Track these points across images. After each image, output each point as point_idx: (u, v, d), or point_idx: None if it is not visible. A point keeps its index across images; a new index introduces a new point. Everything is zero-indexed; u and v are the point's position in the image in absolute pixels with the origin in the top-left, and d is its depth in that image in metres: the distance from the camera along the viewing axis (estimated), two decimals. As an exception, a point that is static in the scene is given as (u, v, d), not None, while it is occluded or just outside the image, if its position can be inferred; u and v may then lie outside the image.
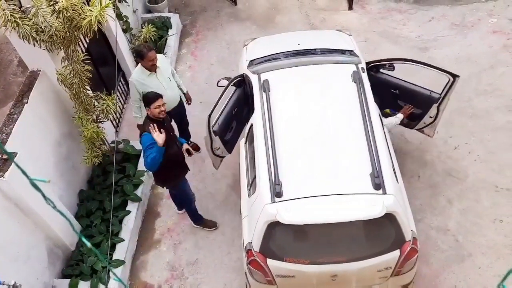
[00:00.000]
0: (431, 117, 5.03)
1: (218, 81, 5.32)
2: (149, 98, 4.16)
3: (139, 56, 4.66)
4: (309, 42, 5.19)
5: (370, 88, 4.51)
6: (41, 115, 4.59)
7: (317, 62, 4.77)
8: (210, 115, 4.53)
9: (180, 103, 5.23)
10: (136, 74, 4.76)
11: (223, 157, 5.07)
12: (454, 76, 4.72)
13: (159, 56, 4.84)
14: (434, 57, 6.72)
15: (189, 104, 5.42)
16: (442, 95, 4.88)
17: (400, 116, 4.83)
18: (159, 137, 4.03)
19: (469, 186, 5.26)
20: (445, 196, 5.21)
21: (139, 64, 4.75)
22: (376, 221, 3.54)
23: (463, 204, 5.12)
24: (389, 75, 5.19)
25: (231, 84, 4.98)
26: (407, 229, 3.75)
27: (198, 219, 5.17)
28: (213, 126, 4.67)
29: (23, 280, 4.02)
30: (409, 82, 5.12)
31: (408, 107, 4.94)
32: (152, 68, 4.70)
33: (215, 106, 4.61)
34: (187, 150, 4.59)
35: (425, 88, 5.04)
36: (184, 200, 5.00)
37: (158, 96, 4.18)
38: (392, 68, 5.15)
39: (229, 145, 5.06)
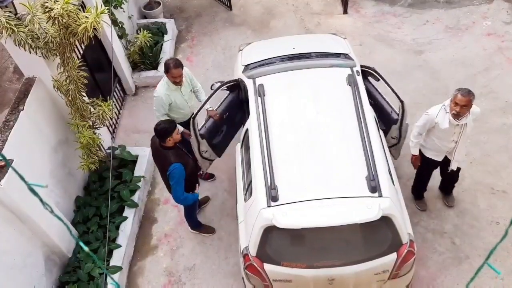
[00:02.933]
0: (392, 137, 4.77)
1: (212, 85, 5.36)
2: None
3: (165, 69, 4.62)
4: (304, 46, 5.22)
5: (365, 91, 4.53)
6: (37, 122, 4.58)
7: (312, 66, 4.80)
8: (194, 118, 4.66)
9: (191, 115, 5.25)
10: (163, 89, 4.70)
11: (212, 160, 5.13)
12: (401, 100, 4.49)
13: (185, 70, 4.80)
14: (429, 60, 6.76)
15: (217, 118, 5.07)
16: (399, 117, 4.60)
17: None
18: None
19: (465, 188, 5.27)
20: (442, 198, 5.21)
21: (165, 79, 4.71)
22: (373, 224, 3.55)
23: (459, 207, 5.12)
24: (372, 85, 4.99)
25: (224, 88, 5.05)
26: (403, 232, 3.76)
27: (196, 225, 5.15)
28: (200, 129, 4.77)
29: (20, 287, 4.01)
30: (381, 95, 4.89)
31: None
32: (176, 82, 4.67)
33: (200, 109, 4.78)
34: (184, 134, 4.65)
35: (390, 105, 4.79)
36: (191, 208, 4.90)
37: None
38: (377, 79, 4.88)
39: (218, 149, 5.10)
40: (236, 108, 5.16)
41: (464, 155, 4.55)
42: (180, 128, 4.61)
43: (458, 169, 4.69)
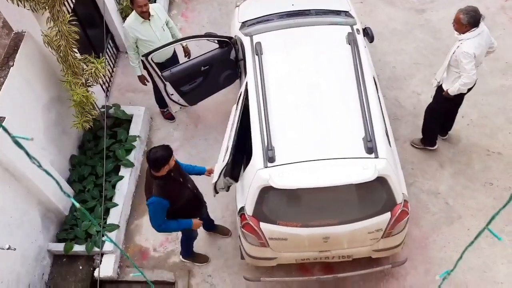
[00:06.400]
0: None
1: (206, 32, 5.44)
2: None
3: (130, 0, 4.75)
4: (303, 3, 5.05)
5: (365, 50, 4.43)
6: (28, 79, 4.47)
7: (311, 23, 4.67)
8: (147, 55, 4.68)
9: (174, 56, 5.26)
10: (130, 21, 4.80)
11: (181, 105, 5.26)
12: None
13: (154, 5, 4.91)
14: (430, 19, 6.59)
15: (187, 57, 5.31)
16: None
17: None
18: (197, 225, 3.91)
19: (461, 150, 5.29)
20: (437, 160, 5.24)
21: (133, 11, 4.78)
22: (368, 184, 3.58)
23: (454, 168, 5.16)
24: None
25: (215, 41, 5.04)
26: (398, 192, 3.79)
27: (189, 255, 4.74)
28: (163, 71, 4.84)
29: (18, 244, 4.06)
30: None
31: None
32: (144, 15, 4.72)
33: (157, 49, 4.71)
34: (209, 171, 4.14)
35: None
36: (187, 236, 4.44)
37: None
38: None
39: (188, 98, 5.16)
40: (221, 66, 5.09)
41: (440, 76, 4.57)
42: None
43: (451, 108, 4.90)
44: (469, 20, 4.12)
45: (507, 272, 4.47)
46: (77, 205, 1.27)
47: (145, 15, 4.72)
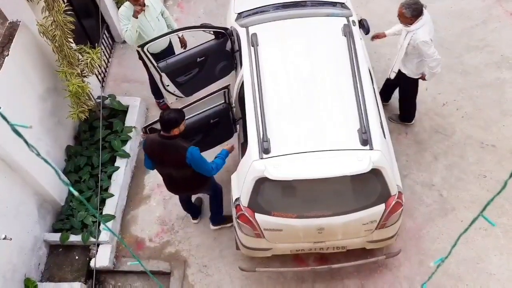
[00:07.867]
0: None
1: (202, 24, 5.37)
2: None
3: None
4: (299, -6, 5.03)
5: (361, 42, 4.44)
6: (23, 69, 4.44)
7: (307, 14, 4.66)
8: (143, 46, 4.64)
9: (169, 46, 5.23)
10: (124, 9, 4.74)
11: (177, 96, 5.22)
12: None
13: None
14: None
15: (184, 48, 5.29)
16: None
17: None
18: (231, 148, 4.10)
19: (455, 142, 5.32)
20: (431, 152, 5.27)
21: (127, 2, 4.73)
22: (363, 176, 3.60)
23: (448, 160, 5.20)
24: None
25: (210, 32, 5.00)
26: (392, 184, 3.82)
27: (223, 218, 4.79)
28: (159, 62, 4.80)
29: (14, 234, 4.07)
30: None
31: None
32: (136, 1, 4.65)
33: (153, 40, 4.69)
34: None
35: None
36: (218, 194, 4.55)
37: None
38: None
39: (184, 89, 5.13)
40: (217, 57, 5.08)
41: (397, 68, 4.81)
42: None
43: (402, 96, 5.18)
44: (412, 13, 4.31)
45: (499, 264, 4.53)
46: (75, 193, 1.29)
47: (138, 4, 4.63)
